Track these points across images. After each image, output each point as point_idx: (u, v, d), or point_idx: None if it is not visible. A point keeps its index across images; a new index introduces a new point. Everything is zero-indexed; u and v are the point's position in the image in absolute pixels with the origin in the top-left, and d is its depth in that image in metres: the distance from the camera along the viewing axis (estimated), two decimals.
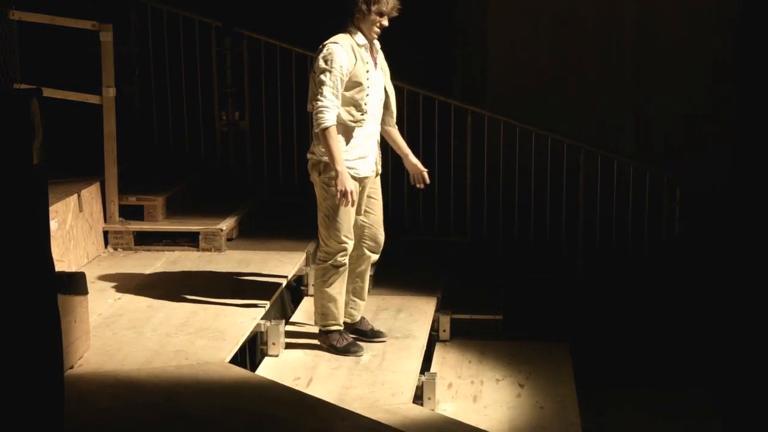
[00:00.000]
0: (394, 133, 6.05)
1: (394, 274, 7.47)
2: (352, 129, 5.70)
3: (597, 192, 8.56)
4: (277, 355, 5.87)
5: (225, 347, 5.42)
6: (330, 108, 5.56)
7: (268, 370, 5.67)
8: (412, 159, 6.10)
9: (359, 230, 5.93)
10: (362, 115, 5.71)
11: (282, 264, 6.93)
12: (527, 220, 8.72)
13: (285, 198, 8.56)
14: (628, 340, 7.78)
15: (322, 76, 5.59)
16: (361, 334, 6.08)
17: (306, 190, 7.80)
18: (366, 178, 5.83)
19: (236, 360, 5.46)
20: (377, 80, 5.80)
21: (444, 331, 6.92)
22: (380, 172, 5.97)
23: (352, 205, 5.66)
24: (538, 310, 7.94)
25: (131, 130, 8.31)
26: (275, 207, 8.47)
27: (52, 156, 3.70)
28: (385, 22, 5.72)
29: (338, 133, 5.64)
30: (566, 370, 6.66)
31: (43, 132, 3.47)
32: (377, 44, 5.86)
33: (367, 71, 5.71)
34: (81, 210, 6.84)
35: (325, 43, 5.70)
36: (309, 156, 5.81)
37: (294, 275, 6.90)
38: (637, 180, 8.61)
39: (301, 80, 8.53)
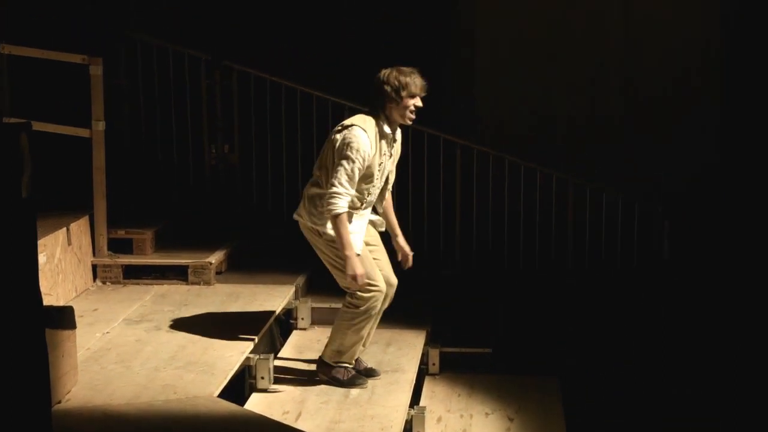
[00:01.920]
0: (389, 211, 6.03)
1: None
2: (353, 212, 5.68)
3: (586, 222, 8.63)
4: (266, 390, 5.84)
5: (214, 381, 5.40)
6: (343, 196, 5.52)
7: (256, 404, 5.64)
8: (401, 240, 6.06)
9: None
10: (362, 204, 5.71)
11: (271, 297, 6.92)
12: (516, 251, 8.75)
13: (274, 231, 8.54)
14: (617, 371, 7.78)
15: (344, 162, 5.52)
16: (356, 371, 6.03)
17: (294, 224, 7.80)
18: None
19: (225, 394, 5.44)
20: (386, 169, 5.77)
21: (433, 364, 6.90)
22: (380, 231, 5.95)
23: (361, 287, 5.62)
24: (529, 339, 7.96)
25: (121, 163, 8.31)
26: (265, 240, 8.45)
27: (40, 189, 3.70)
28: (419, 103, 5.66)
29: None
30: (556, 404, 6.64)
31: (31, 165, 3.48)
32: (398, 133, 5.82)
33: (381, 163, 5.67)
34: (70, 243, 6.82)
35: (353, 123, 5.60)
36: (297, 218, 5.78)
37: (283, 309, 6.89)
38: (626, 211, 8.67)
39: (290, 114, 8.57)
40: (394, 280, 5.97)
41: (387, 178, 5.87)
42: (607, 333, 8.13)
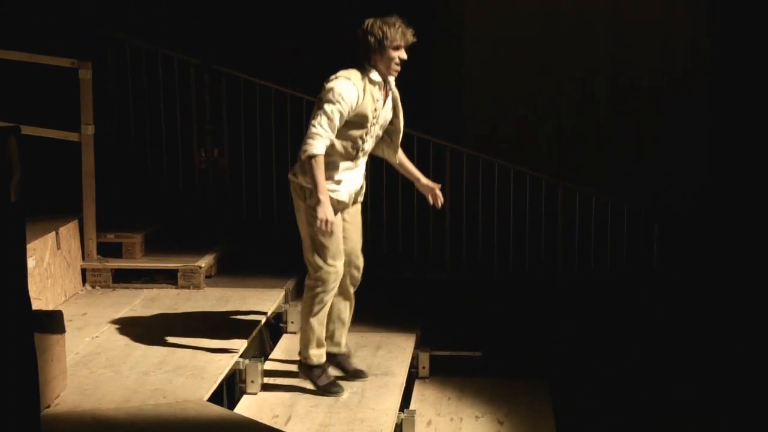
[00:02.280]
0: (404, 160, 6.01)
1: (373, 310, 7.43)
2: (342, 161, 5.66)
3: (576, 225, 8.65)
4: (255, 393, 5.83)
5: (203, 385, 5.39)
6: (322, 137, 5.46)
7: (246, 408, 5.63)
8: (425, 181, 6.04)
9: None
10: (357, 152, 5.66)
11: (261, 301, 6.91)
12: (506, 254, 8.76)
13: (264, 235, 8.55)
14: (617, 371, 7.80)
15: (326, 106, 5.48)
16: (343, 371, 6.03)
17: (284, 228, 7.79)
18: (341, 202, 5.72)
19: (215, 398, 5.43)
20: (382, 119, 5.72)
21: (423, 368, 6.90)
22: (360, 201, 5.91)
23: (330, 234, 5.58)
24: (520, 341, 7.97)
25: (110, 167, 8.29)
26: (254, 244, 8.45)
27: (29, 193, 3.69)
28: (403, 55, 5.59)
29: (330, 161, 5.58)
30: (546, 407, 6.65)
31: (20, 169, 3.47)
32: (392, 80, 5.75)
33: (375, 110, 5.62)
34: (59, 247, 6.81)
35: (337, 74, 5.56)
36: (291, 178, 5.70)
37: (273, 312, 6.88)
38: (616, 213, 8.69)
39: (279, 118, 8.57)
40: (360, 262, 5.93)
41: (395, 130, 5.82)
42: (605, 334, 8.15)
